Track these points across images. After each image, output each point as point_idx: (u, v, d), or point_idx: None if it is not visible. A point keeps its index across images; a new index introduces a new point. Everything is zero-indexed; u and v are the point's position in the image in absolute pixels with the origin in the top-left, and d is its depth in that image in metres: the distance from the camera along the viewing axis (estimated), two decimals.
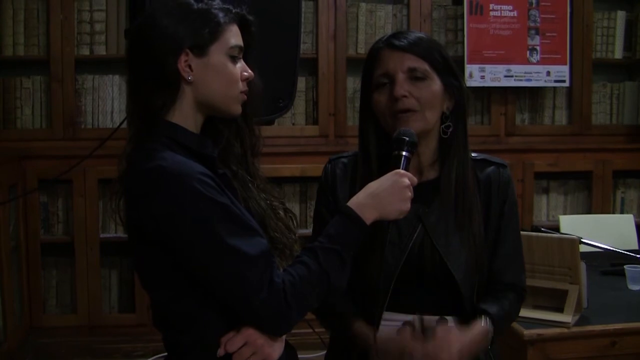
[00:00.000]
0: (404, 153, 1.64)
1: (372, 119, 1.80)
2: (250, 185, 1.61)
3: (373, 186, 1.58)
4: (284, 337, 1.54)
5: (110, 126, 4.00)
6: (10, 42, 4.00)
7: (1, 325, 3.55)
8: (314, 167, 4.04)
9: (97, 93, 4.11)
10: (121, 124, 2.80)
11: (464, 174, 1.78)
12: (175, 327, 1.51)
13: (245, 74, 1.55)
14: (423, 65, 1.74)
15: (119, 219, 1.55)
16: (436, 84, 1.75)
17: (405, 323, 1.68)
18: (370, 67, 1.79)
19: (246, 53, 1.58)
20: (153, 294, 1.53)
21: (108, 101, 4.11)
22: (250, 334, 1.46)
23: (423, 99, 1.73)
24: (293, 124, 4.28)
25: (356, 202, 1.56)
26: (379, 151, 1.78)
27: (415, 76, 1.74)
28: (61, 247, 4.08)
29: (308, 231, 3.82)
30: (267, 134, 1.72)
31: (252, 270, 1.41)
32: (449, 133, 1.79)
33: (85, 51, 4.07)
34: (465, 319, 1.78)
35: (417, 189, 1.64)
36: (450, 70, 1.78)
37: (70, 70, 4.02)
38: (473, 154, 1.84)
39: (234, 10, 1.55)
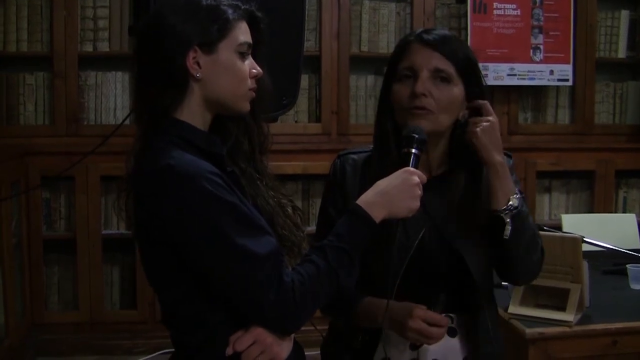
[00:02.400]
0: (413, 150, 1.63)
1: (390, 112, 1.78)
2: (258, 182, 1.60)
3: (382, 184, 1.57)
4: (292, 335, 1.53)
5: (113, 123, 4.00)
6: (14, 38, 4.00)
7: (3, 321, 3.56)
8: (317, 165, 4.05)
9: (100, 90, 4.11)
10: (124, 120, 2.81)
11: (474, 176, 1.77)
12: (183, 326, 1.50)
13: (254, 71, 1.54)
14: (449, 68, 1.72)
15: (123, 216, 1.55)
16: (458, 89, 1.74)
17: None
18: (396, 59, 1.77)
19: (255, 50, 1.56)
20: (161, 294, 1.53)
21: (111, 98, 4.11)
22: (259, 332, 1.46)
23: (441, 102, 1.71)
24: (296, 122, 4.28)
25: (365, 200, 1.55)
26: (397, 145, 1.74)
27: (439, 77, 1.72)
28: (63, 244, 4.08)
29: (311, 228, 3.83)
30: (270, 132, 1.71)
31: (261, 270, 1.40)
32: (460, 138, 1.78)
33: (89, 48, 4.08)
34: (473, 316, 1.78)
35: (424, 186, 1.63)
36: (475, 76, 1.76)
37: (73, 67, 4.02)
38: None
39: (243, 7, 1.53)
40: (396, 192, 1.56)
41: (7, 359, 3.53)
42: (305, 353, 1.65)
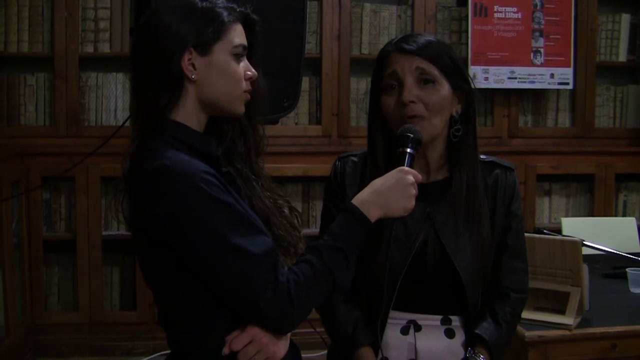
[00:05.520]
0: (408, 150, 1.64)
1: (380, 120, 1.80)
2: (254, 183, 1.61)
3: (377, 183, 1.58)
4: (288, 335, 1.54)
5: (114, 124, 4.01)
6: (15, 39, 4.01)
7: (3, 321, 3.56)
8: (317, 167, 4.05)
9: (101, 91, 4.11)
10: (125, 122, 2.81)
11: (474, 177, 1.78)
12: (180, 325, 1.51)
13: (249, 73, 1.55)
14: (432, 69, 1.73)
15: (121, 217, 1.55)
16: (445, 89, 1.75)
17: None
18: (379, 69, 1.79)
19: (250, 52, 1.57)
20: (157, 293, 1.53)
21: (111, 99, 4.11)
22: (255, 332, 1.46)
23: (431, 105, 1.73)
24: (296, 124, 4.28)
25: (360, 199, 1.56)
26: (386, 151, 1.78)
27: (423, 79, 1.73)
28: (63, 245, 4.08)
29: (311, 230, 3.83)
30: (271, 134, 1.72)
31: (257, 270, 1.41)
32: (458, 136, 1.79)
33: (90, 49, 4.08)
34: (470, 320, 1.78)
35: (425, 189, 1.63)
36: (459, 73, 1.78)
37: (74, 68, 4.02)
38: (482, 156, 1.84)
39: (238, 9, 1.54)
40: (391, 192, 1.57)
41: (7, 359, 3.53)
42: (304, 356, 1.65)
